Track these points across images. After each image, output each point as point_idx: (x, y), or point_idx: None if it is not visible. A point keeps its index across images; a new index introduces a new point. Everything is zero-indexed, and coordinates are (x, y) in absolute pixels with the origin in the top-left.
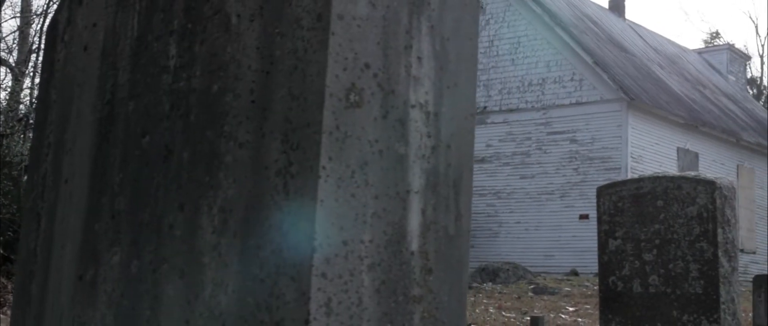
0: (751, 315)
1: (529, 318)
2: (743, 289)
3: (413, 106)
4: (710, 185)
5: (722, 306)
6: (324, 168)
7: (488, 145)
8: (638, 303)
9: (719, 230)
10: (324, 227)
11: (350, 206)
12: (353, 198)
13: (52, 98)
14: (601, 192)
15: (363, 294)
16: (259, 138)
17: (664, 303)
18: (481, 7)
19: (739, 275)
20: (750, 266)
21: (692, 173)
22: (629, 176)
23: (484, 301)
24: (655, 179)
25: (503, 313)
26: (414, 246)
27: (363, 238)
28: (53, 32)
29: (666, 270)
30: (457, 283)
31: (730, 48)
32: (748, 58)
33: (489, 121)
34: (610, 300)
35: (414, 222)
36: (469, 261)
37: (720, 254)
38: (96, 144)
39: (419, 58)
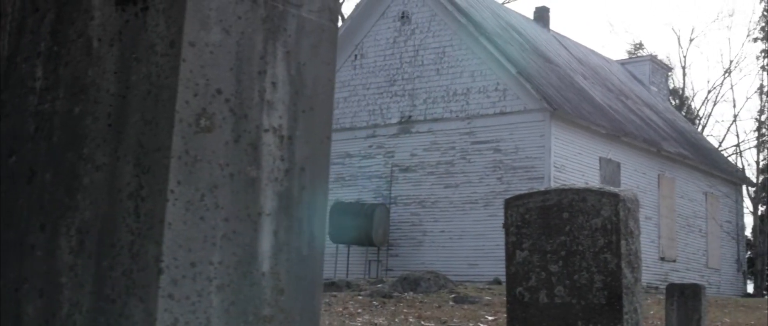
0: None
1: None
2: (661, 297)
3: (266, 130)
4: (614, 198)
5: (625, 316)
6: (172, 191)
7: (413, 154)
8: (545, 314)
9: (622, 242)
10: (171, 249)
11: (199, 229)
12: (202, 220)
13: None
14: (509, 204)
15: (211, 314)
16: (114, 161)
17: (570, 313)
18: (407, 18)
19: (660, 283)
20: (671, 274)
21: (597, 186)
22: (553, 185)
23: (404, 311)
24: (561, 191)
25: (422, 323)
26: (265, 267)
27: (212, 260)
28: None
29: (571, 281)
30: (309, 303)
31: (652, 59)
32: (669, 69)
33: (414, 130)
34: (517, 310)
35: (266, 243)
36: (322, 281)
37: (623, 265)
38: None
39: (274, 83)
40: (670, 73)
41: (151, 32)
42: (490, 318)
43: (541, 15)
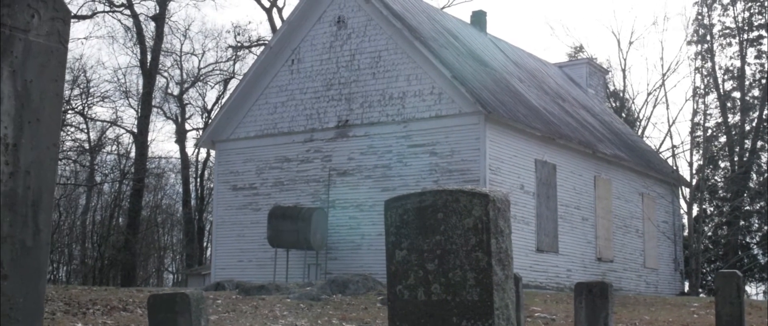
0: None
1: None
2: None
3: None
4: (484, 198)
5: (496, 312)
6: None
7: (350, 158)
8: (423, 311)
9: (493, 240)
10: None
11: None
12: None
13: None
14: (388, 205)
15: None
16: None
17: (446, 310)
18: (343, 22)
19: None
20: (608, 274)
21: (469, 187)
22: (489, 187)
23: (330, 313)
24: (436, 193)
25: (344, 324)
26: None
27: None
28: None
29: (446, 279)
30: (34, 288)
31: (589, 62)
32: (606, 72)
33: (351, 134)
34: (397, 308)
35: None
36: (47, 269)
37: (494, 263)
38: None
39: None
40: (608, 76)
41: None
42: None
43: (478, 19)
